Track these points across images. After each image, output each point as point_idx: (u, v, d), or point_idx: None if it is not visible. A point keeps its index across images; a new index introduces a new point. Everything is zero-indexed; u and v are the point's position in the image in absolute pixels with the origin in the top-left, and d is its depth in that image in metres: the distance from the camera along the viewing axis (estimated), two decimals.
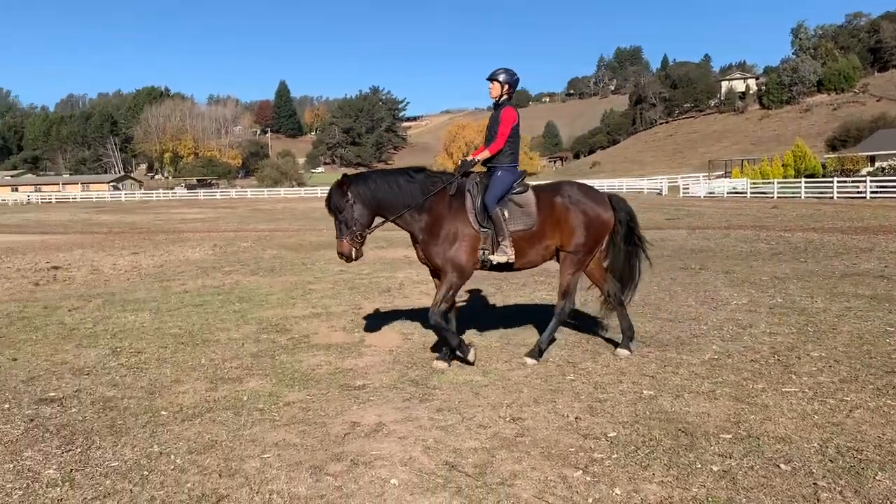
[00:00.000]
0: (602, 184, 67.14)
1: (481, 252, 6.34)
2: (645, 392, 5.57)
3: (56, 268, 14.83)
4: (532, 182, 6.89)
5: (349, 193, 6.20)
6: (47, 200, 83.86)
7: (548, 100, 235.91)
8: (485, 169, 6.65)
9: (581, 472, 4.11)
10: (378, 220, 6.51)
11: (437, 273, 6.61)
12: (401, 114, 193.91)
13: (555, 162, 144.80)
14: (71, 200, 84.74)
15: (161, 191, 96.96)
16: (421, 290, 10.62)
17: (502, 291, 10.47)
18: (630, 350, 6.74)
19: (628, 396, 5.48)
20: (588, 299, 8.76)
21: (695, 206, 36.65)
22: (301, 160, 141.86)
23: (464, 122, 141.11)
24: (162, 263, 15.51)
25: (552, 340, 6.84)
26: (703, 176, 63.34)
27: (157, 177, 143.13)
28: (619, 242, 6.87)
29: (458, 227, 6.30)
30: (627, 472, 4.10)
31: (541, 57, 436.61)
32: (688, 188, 53.21)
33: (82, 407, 5.47)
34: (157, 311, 9.35)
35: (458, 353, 6.39)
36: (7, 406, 5.51)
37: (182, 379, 6.21)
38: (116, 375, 6.34)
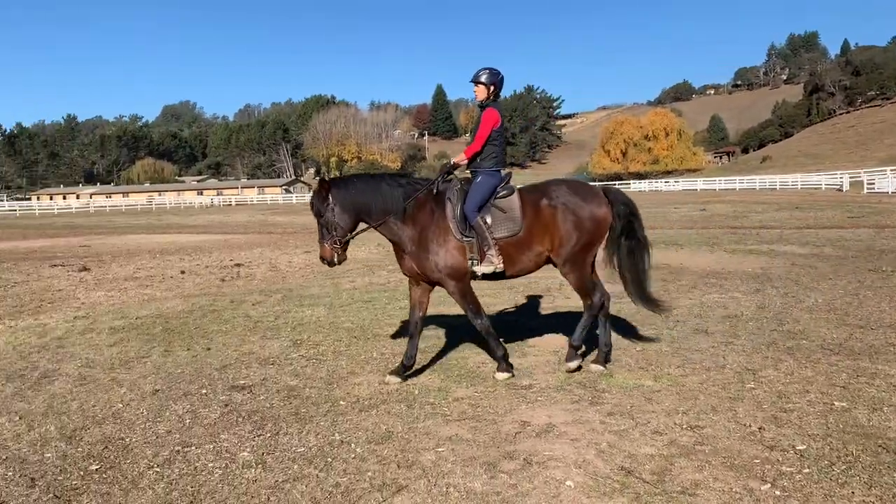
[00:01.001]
0: (774, 179, 63.15)
1: (469, 262, 6.06)
2: (836, 404, 5.15)
3: (239, 265, 16.06)
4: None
5: (330, 197, 6.06)
6: (227, 203, 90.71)
7: (712, 92, 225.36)
8: (469, 173, 6.40)
9: (769, 485, 3.86)
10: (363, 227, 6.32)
11: (417, 283, 6.35)
12: (555, 112, 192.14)
13: (721, 157, 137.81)
14: (248, 203, 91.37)
15: None
16: None
17: (669, 294, 10.08)
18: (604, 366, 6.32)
19: (817, 407, 5.09)
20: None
21: (881, 202, 33.38)
22: None
23: (621, 117, 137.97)
24: None
25: (607, 344, 6.53)
26: (892, 170, 57.48)
27: None
28: (617, 238, 6.33)
29: (442, 236, 6.07)
30: (822, 488, 3.81)
31: (705, 47, 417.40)
32: (872, 183, 48.55)
33: (269, 394, 5.87)
34: (330, 307, 9.87)
35: (502, 363, 6.20)
36: (204, 392, 6.03)
37: (357, 371, 6.51)
38: (298, 366, 6.76)
